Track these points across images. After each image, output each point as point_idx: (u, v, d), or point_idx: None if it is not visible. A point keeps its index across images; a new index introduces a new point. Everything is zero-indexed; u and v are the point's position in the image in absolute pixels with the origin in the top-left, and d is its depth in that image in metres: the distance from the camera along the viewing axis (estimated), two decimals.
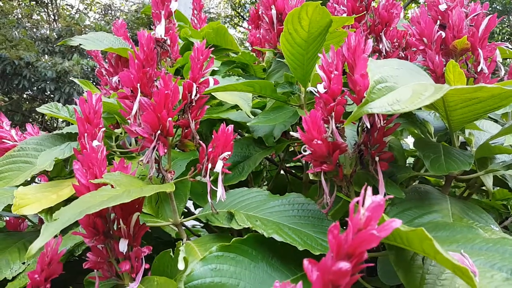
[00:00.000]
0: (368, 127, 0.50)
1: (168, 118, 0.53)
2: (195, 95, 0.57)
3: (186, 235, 0.60)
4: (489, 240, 0.39)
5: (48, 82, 6.38)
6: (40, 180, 0.75)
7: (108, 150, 0.72)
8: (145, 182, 0.54)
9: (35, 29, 7.81)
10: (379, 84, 0.41)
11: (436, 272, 0.40)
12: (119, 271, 0.50)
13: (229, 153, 0.55)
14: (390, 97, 0.39)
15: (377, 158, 0.52)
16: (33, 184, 0.69)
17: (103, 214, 0.49)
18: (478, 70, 0.63)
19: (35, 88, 6.74)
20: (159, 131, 0.53)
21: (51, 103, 0.87)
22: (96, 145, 0.53)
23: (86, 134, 0.56)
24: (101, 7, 9.35)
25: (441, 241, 0.41)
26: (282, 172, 0.94)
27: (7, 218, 0.85)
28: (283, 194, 0.59)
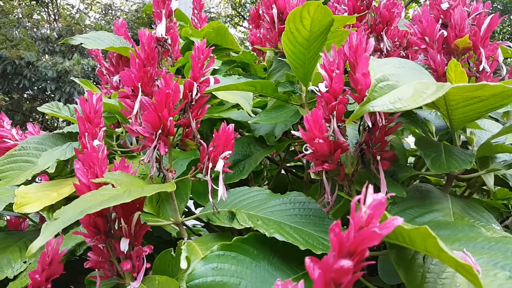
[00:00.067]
0: (370, 126, 0.50)
1: (169, 118, 0.53)
2: (196, 94, 0.57)
3: (187, 234, 0.60)
4: (491, 239, 0.39)
5: (49, 82, 6.39)
6: (41, 180, 0.75)
7: (109, 150, 0.72)
8: (146, 182, 0.54)
9: (36, 29, 7.81)
10: (381, 83, 0.40)
11: (437, 271, 0.40)
12: (120, 271, 0.50)
13: (230, 152, 0.55)
14: (392, 95, 0.39)
15: (379, 157, 0.52)
16: (34, 183, 0.69)
17: (104, 214, 0.49)
18: (480, 69, 0.63)
19: (36, 88, 6.74)
20: (160, 130, 0.53)
21: (52, 102, 0.87)
22: (97, 145, 0.53)
23: (87, 134, 0.55)
24: (102, 7, 9.36)
25: (443, 240, 0.41)
26: (283, 172, 0.94)
27: (8, 217, 0.85)
28: (284, 193, 0.59)
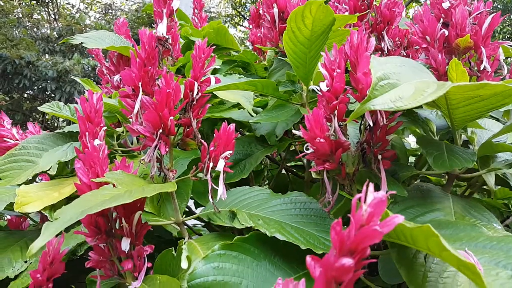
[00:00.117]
0: (371, 125, 0.50)
1: (170, 117, 0.52)
2: (197, 94, 0.57)
3: (188, 234, 0.60)
4: (493, 238, 0.38)
5: (49, 82, 6.39)
6: (41, 179, 0.75)
7: (110, 149, 0.72)
8: (147, 181, 0.54)
9: (36, 29, 7.81)
10: (382, 81, 0.40)
11: (438, 270, 0.40)
12: (121, 270, 0.50)
13: (231, 152, 0.55)
14: (393, 94, 0.39)
15: (380, 156, 0.52)
16: (35, 183, 0.69)
17: (105, 213, 0.49)
18: (481, 69, 0.62)
19: (36, 88, 6.75)
20: (161, 130, 0.53)
21: (53, 102, 0.87)
22: (98, 144, 0.52)
23: (88, 133, 0.55)
24: (102, 7, 9.36)
25: (445, 239, 0.41)
26: (284, 171, 0.94)
27: (9, 217, 0.85)
28: (285, 193, 0.59)
